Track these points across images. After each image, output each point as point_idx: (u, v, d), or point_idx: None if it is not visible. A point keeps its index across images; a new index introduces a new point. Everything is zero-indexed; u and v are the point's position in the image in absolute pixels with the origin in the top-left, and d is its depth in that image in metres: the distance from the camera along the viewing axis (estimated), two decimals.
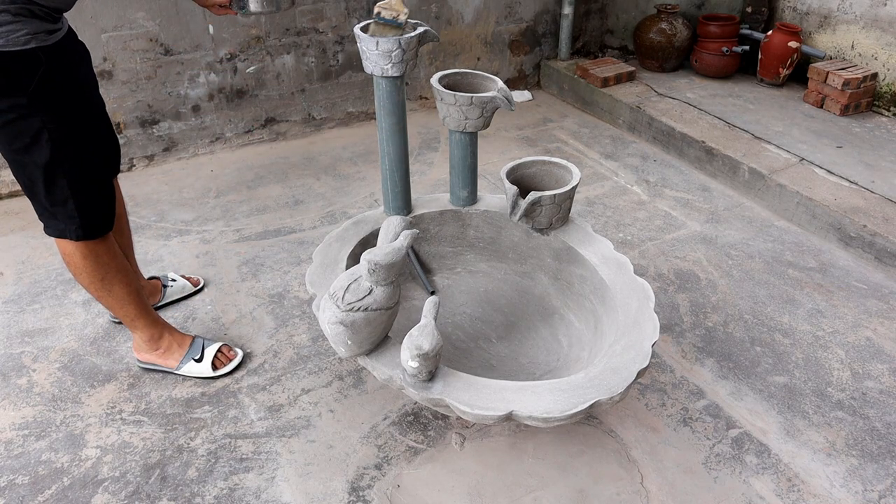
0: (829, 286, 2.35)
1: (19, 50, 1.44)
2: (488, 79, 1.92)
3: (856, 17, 3.39)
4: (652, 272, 2.42)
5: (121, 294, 1.83)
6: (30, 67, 1.47)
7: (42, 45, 1.48)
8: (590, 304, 1.85)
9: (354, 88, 3.50)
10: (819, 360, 2.04)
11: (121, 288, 1.82)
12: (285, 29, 3.19)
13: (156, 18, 2.90)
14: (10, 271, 2.42)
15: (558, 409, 1.42)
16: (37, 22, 1.46)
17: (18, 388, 1.93)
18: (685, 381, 1.96)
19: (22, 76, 1.46)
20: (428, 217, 2.04)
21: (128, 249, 2.09)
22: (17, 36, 1.42)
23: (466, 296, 2.04)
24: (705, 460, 1.72)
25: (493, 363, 1.83)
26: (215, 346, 1.98)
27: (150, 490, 1.64)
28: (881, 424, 1.82)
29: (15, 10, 1.41)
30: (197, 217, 2.76)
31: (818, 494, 1.64)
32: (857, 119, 3.28)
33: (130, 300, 1.85)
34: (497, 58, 3.86)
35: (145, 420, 1.83)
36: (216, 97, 3.17)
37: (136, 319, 1.89)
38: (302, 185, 3.00)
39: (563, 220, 1.94)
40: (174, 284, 2.27)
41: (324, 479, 1.67)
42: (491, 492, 1.64)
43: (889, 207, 2.56)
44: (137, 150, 3.09)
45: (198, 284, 2.32)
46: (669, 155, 3.25)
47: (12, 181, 2.83)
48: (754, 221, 2.73)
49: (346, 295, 1.48)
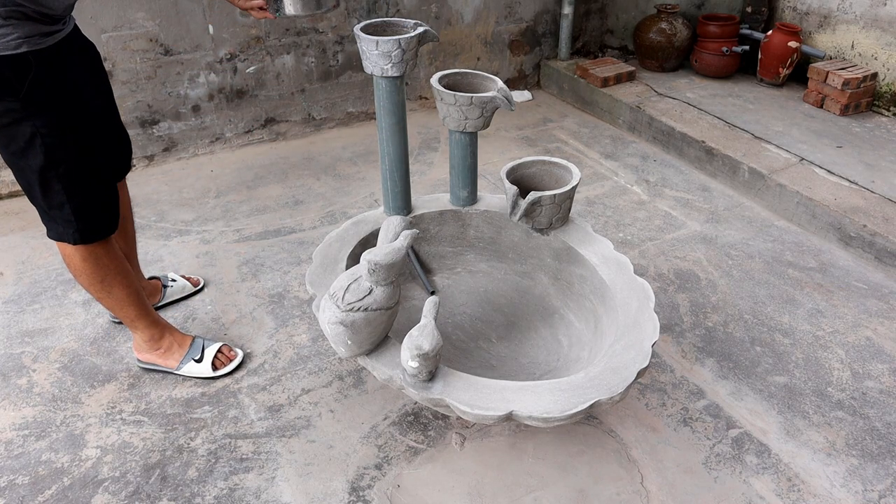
0: (829, 286, 2.35)
1: (9, 55, 1.42)
2: (488, 79, 1.92)
3: (856, 17, 3.39)
4: (652, 272, 2.42)
5: (121, 296, 1.83)
6: (20, 71, 1.45)
7: (34, 49, 1.45)
8: (590, 304, 1.85)
9: (354, 88, 3.50)
10: (819, 359, 2.04)
11: (121, 290, 1.82)
12: (285, 29, 3.19)
13: (156, 18, 2.90)
14: (10, 271, 2.42)
15: (558, 408, 1.42)
16: (30, 25, 1.44)
17: (18, 389, 1.93)
18: (685, 381, 1.96)
19: (13, 80, 1.45)
20: (428, 217, 2.04)
21: (131, 251, 2.09)
22: (7, 40, 1.41)
23: (466, 296, 2.04)
24: (705, 460, 1.72)
25: (493, 363, 1.83)
26: (215, 346, 1.98)
27: (151, 490, 1.64)
28: (881, 424, 1.82)
29: (6, 14, 1.39)
30: (197, 217, 2.76)
31: (818, 494, 1.64)
32: (856, 119, 3.28)
33: (130, 301, 1.85)
34: (497, 58, 3.86)
35: (145, 420, 1.83)
36: (216, 97, 3.18)
37: (136, 320, 1.89)
38: (302, 185, 3.00)
39: (563, 220, 1.94)
40: (174, 285, 2.27)
41: (324, 479, 1.67)
42: (491, 492, 1.64)
43: (889, 207, 2.56)
44: (137, 150, 3.09)
45: (198, 284, 2.32)
46: (669, 155, 3.25)
47: (12, 181, 2.83)
48: (754, 221, 2.73)
49: (346, 295, 1.48)
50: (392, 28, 1.81)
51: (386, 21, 1.82)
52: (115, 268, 1.78)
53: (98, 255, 1.73)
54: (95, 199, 1.69)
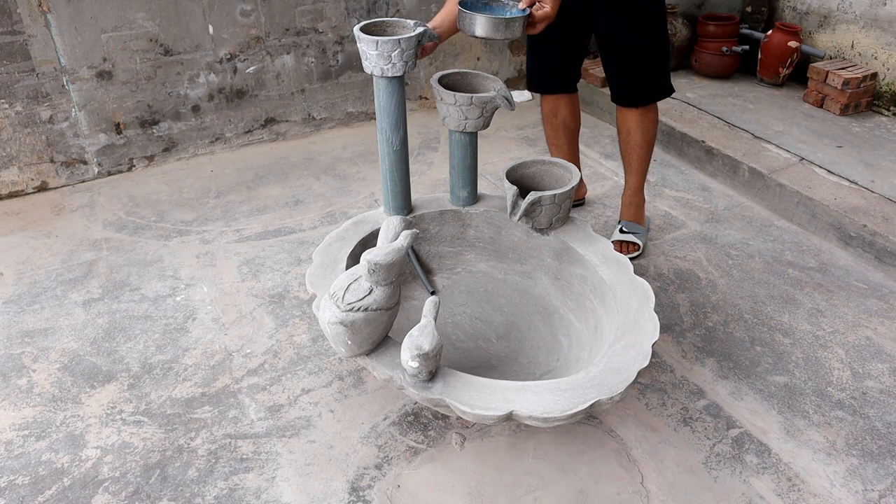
0: (829, 286, 2.35)
1: None
2: (488, 79, 1.92)
3: (855, 17, 3.39)
4: (652, 272, 2.42)
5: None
6: None
7: None
8: (590, 303, 1.85)
9: (354, 88, 3.50)
10: (819, 359, 2.04)
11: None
12: (285, 29, 3.19)
13: (156, 18, 2.90)
14: (10, 271, 2.42)
15: (558, 408, 1.42)
16: None
17: (18, 389, 1.93)
18: (685, 381, 1.96)
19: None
20: (428, 217, 2.04)
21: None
22: None
23: (466, 296, 2.04)
24: (705, 460, 1.72)
25: (493, 363, 1.83)
26: None
27: (151, 490, 1.64)
28: (881, 424, 1.82)
29: None
30: (197, 217, 2.76)
31: (818, 494, 1.64)
32: (856, 119, 3.28)
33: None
34: (497, 58, 3.86)
35: (145, 420, 1.83)
36: (216, 97, 3.18)
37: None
38: (302, 185, 3.00)
39: (563, 220, 1.94)
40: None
41: (324, 479, 1.67)
42: (491, 492, 1.64)
43: (889, 207, 2.56)
44: (137, 150, 3.09)
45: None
46: (669, 155, 3.25)
47: (12, 181, 2.83)
48: (754, 221, 2.73)
49: (346, 295, 1.48)
50: (392, 28, 1.81)
51: (386, 21, 1.82)
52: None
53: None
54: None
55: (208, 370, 2.00)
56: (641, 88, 2.30)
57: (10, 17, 2.61)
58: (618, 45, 2.23)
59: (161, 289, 2.33)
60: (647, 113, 2.35)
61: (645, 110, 2.34)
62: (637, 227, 2.51)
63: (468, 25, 1.74)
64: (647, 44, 2.21)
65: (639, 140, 2.38)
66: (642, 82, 2.28)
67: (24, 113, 2.77)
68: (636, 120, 2.35)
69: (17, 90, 2.73)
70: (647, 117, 2.36)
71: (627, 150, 2.44)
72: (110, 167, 3.05)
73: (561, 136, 2.56)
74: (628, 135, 2.39)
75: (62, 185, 2.95)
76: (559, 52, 2.36)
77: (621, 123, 2.40)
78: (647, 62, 2.24)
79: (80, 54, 2.80)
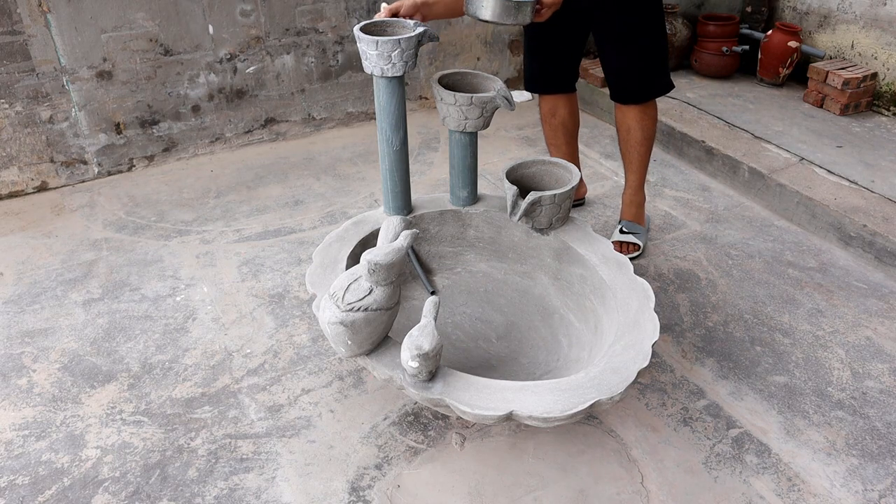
0: (829, 286, 2.35)
1: None
2: (488, 79, 1.92)
3: (855, 17, 3.39)
4: (652, 272, 2.42)
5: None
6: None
7: None
8: (590, 303, 1.85)
9: (354, 88, 3.50)
10: (819, 359, 2.04)
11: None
12: (285, 29, 3.19)
13: (156, 18, 2.90)
14: (10, 271, 2.42)
15: (558, 408, 1.42)
16: None
17: (18, 389, 1.93)
18: (685, 381, 1.96)
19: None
20: (428, 217, 2.04)
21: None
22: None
23: (466, 296, 2.04)
24: (705, 460, 1.72)
25: (493, 363, 1.83)
26: None
27: (151, 490, 1.64)
28: (881, 424, 1.82)
29: None
30: (197, 217, 2.76)
31: (818, 494, 1.64)
32: (856, 119, 3.28)
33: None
34: (497, 58, 3.86)
35: (145, 420, 1.83)
36: (216, 97, 3.18)
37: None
38: (302, 185, 3.00)
39: (563, 219, 1.94)
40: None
41: (324, 479, 1.67)
42: (491, 492, 1.64)
43: (889, 207, 2.56)
44: (137, 150, 3.09)
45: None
46: (669, 155, 3.25)
47: (12, 181, 2.83)
48: (754, 221, 2.73)
49: (346, 295, 1.48)
50: (392, 28, 1.81)
51: (386, 21, 1.81)
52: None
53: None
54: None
55: (208, 370, 2.00)
56: (641, 85, 2.30)
57: (10, 17, 2.61)
58: (617, 42, 2.23)
59: (161, 289, 2.33)
60: (646, 110, 2.35)
61: (644, 107, 2.34)
62: (637, 227, 2.51)
63: (476, 8, 1.71)
64: (646, 40, 2.21)
65: (639, 137, 2.38)
66: (641, 79, 2.28)
67: (24, 113, 2.77)
68: (636, 117, 2.35)
69: (17, 90, 2.73)
70: (646, 114, 2.36)
71: (627, 148, 2.44)
72: (110, 167, 3.05)
73: (560, 136, 2.56)
74: (628, 132, 2.39)
75: (62, 185, 2.95)
76: (557, 52, 2.36)
77: (621, 121, 2.40)
78: (645, 59, 2.24)
79: (80, 54, 2.80)
